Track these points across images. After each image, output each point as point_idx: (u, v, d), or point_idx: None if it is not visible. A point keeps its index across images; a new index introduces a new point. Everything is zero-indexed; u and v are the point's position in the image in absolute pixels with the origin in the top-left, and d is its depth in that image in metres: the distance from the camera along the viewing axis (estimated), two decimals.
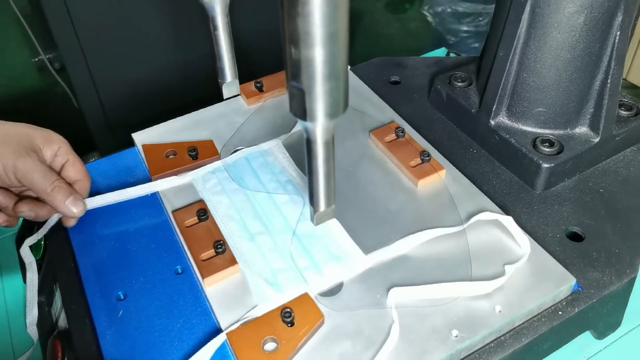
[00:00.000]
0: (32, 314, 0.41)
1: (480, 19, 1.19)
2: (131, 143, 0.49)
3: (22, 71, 1.35)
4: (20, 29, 1.08)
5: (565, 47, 0.41)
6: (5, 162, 0.36)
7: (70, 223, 0.41)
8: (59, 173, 0.40)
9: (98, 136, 0.84)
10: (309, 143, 0.30)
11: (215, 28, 0.41)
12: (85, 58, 0.90)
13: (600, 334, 0.40)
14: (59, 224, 0.42)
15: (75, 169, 0.40)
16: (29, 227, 0.44)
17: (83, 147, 0.46)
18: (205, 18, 0.39)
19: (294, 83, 0.26)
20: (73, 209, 0.38)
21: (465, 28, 1.20)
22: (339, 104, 0.27)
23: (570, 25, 0.40)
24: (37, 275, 0.42)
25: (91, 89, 0.94)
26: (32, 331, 0.41)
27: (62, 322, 0.37)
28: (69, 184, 0.40)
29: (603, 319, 0.39)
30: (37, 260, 0.43)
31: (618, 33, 0.40)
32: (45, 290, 0.41)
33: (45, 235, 0.42)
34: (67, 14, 0.84)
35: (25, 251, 0.42)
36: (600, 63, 0.42)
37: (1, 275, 0.47)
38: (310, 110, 0.26)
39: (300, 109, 0.27)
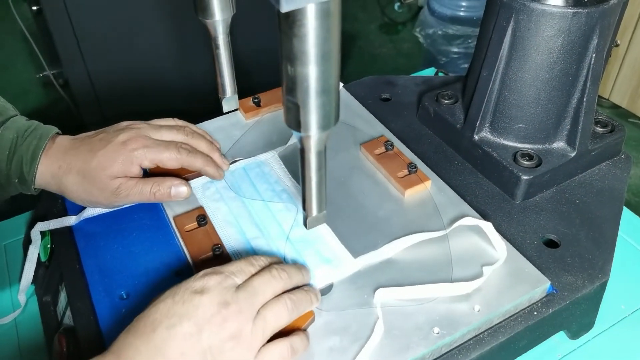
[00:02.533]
0: (26, 280, 0.45)
1: (470, 41, 1.24)
2: None
3: (27, 86, 1.38)
4: (26, 45, 1.11)
5: (544, 68, 0.44)
6: (105, 205, 0.44)
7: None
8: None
9: None
10: (303, 153, 0.32)
11: (216, 47, 0.44)
12: (89, 74, 0.93)
13: (574, 334, 0.43)
14: (67, 228, 0.44)
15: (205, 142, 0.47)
16: (41, 217, 0.46)
17: None
18: (207, 36, 0.42)
19: (290, 97, 0.28)
20: (179, 196, 0.45)
21: (455, 49, 1.25)
22: (331, 117, 0.30)
23: (549, 48, 0.43)
24: (38, 249, 0.45)
25: (94, 104, 0.97)
26: (22, 297, 0.46)
27: (67, 320, 0.39)
28: (167, 177, 0.45)
29: (577, 320, 0.41)
30: (43, 262, 0.45)
31: (593, 55, 0.43)
32: (51, 290, 0.43)
33: (52, 239, 0.44)
34: (72, 31, 0.87)
35: (35, 233, 0.45)
36: (576, 83, 0.45)
37: (9, 279, 0.49)
38: (304, 122, 0.29)
39: (295, 121, 0.29)
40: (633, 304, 0.45)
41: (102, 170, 0.42)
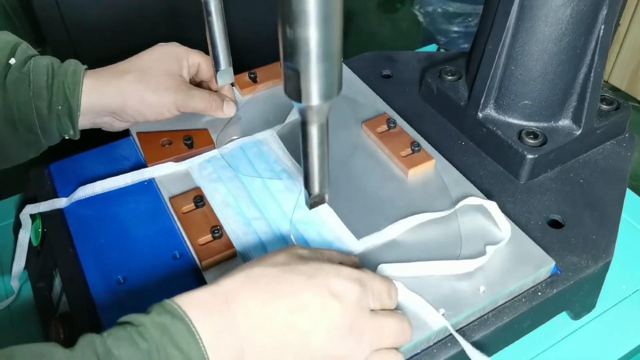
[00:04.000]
0: (18, 266, 0.44)
1: (470, 19, 1.21)
2: (124, 134, 0.49)
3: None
4: (8, 23, 1.07)
5: (552, 40, 0.42)
6: (169, 107, 0.44)
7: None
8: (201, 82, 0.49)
9: (90, 132, 0.83)
10: (304, 125, 0.31)
11: (208, 14, 0.42)
12: (76, 54, 0.89)
13: (576, 315, 0.42)
14: (58, 212, 0.42)
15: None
16: (31, 200, 0.44)
17: (74, 147, 0.47)
18: (199, 3, 0.40)
19: (289, 64, 0.26)
20: (229, 113, 0.48)
21: (455, 28, 1.22)
22: (333, 86, 0.28)
23: (557, 18, 0.41)
24: (29, 233, 0.44)
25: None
26: (15, 283, 0.45)
27: (63, 305, 0.38)
28: (218, 92, 0.48)
29: (579, 300, 0.41)
30: (35, 247, 0.44)
31: (602, 27, 0.42)
32: (45, 276, 0.42)
33: (43, 223, 0.43)
34: (57, 8, 0.83)
35: (25, 216, 0.43)
36: (584, 57, 0.43)
37: (0, 265, 0.48)
38: (305, 91, 0.27)
39: (295, 90, 0.27)
40: (634, 285, 0.45)
41: (160, 64, 0.43)
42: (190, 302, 0.27)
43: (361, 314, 0.29)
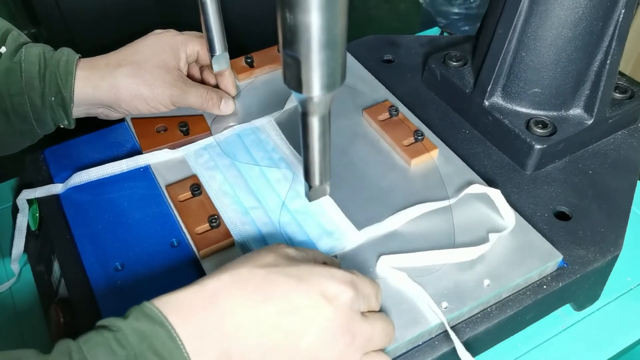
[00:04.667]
0: (17, 250, 0.43)
1: (472, 1, 1.18)
2: (120, 119, 0.48)
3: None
4: (1, 4, 1.03)
5: (567, 25, 0.40)
6: (164, 102, 0.43)
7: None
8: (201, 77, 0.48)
9: (88, 118, 0.81)
10: (304, 117, 0.29)
11: None
12: (70, 34, 0.86)
13: (579, 306, 0.42)
14: (54, 197, 0.41)
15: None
16: (27, 185, 0.43)
17: (69, 130, 0.45)
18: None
19: (288, 51, 0.25)
20: (227, 111, 0.46)
21: (455, 10, 1.19)
22: (336, 76, 0.26)
23: (574, 1, 0.39)
24: (27, 218, 0.43)
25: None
26: (15, 266, 0.44)
27: (63, 289, 0.38)
28: (216, 89, 0.46)
29: (584, 292, 0.40)
30: (33, 231, 0.43)
31: (622, 11, 0.39)
32: (44, 260, 0.41)
33: (40, 208, 0.42)
34: None
35: (21, 201, 0.42)
36: (601, 42, 0.41)
37: (0, 248, 0.47)
38: (306, 81, 0.25)
39: (295, 80, 0.26)
40: (638, 277, 0.44)
41: (155, 56, 0.41)
42: (172, 305, 0.26)
43: (353, 316, 0.28)
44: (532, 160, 0.44)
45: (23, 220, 0.43)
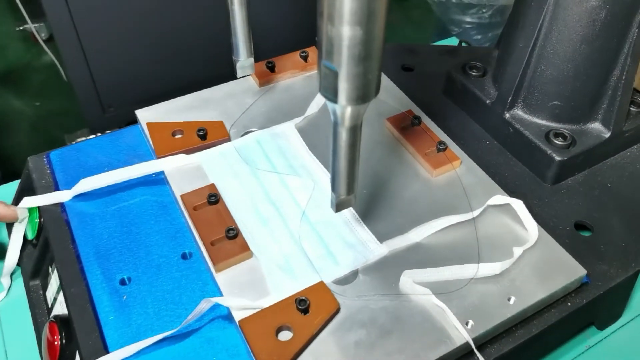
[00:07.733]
0: (11, 261, 0.42)
1: (484, 10, 1.18)
2: (126, 121, 0.46)
3: (4, 41, 1.28)
4: None
5: (585, 41, 0.41)
6: None
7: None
8: None
9: (88, 112, 0.80)
10: (336, 126, 0.29)
11: (231, 2, 0.39)
12: (76, 27, 0.84)
13: (602, 325, 0.41)
14: (57, 204, 0.40)
15: None
16: (28, 190, 0.42)
17: (72, 123, 0.44)
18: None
19: (327, 63, 0.25)
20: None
21: (468, 19, 1.19)
22: (371, 88, 0.26)
23: (592, 20, 0.40)
24: (25, 226, 0.41)
25: (81, 61, 0.88)
26: (5, 280, 0.43)
27: (59, 306, 0.36)
28: None
29: (607, 310, 0.40)
30: (31, 241, 0.41)
31: (637, 30, 0.40)
32: (40, 273, 0.40)
33: (40, 214, 0.40)
34: None
35: (22, 210, 0.41)
36: (617, 59, 0.42)
37: None
38: (342, 92, 0.26)
39: (331, 89, 0.26)
40: None
41: None
42: None
43: None
44: (552, 171, 0.43)
45: (20, 228, 0.41)
